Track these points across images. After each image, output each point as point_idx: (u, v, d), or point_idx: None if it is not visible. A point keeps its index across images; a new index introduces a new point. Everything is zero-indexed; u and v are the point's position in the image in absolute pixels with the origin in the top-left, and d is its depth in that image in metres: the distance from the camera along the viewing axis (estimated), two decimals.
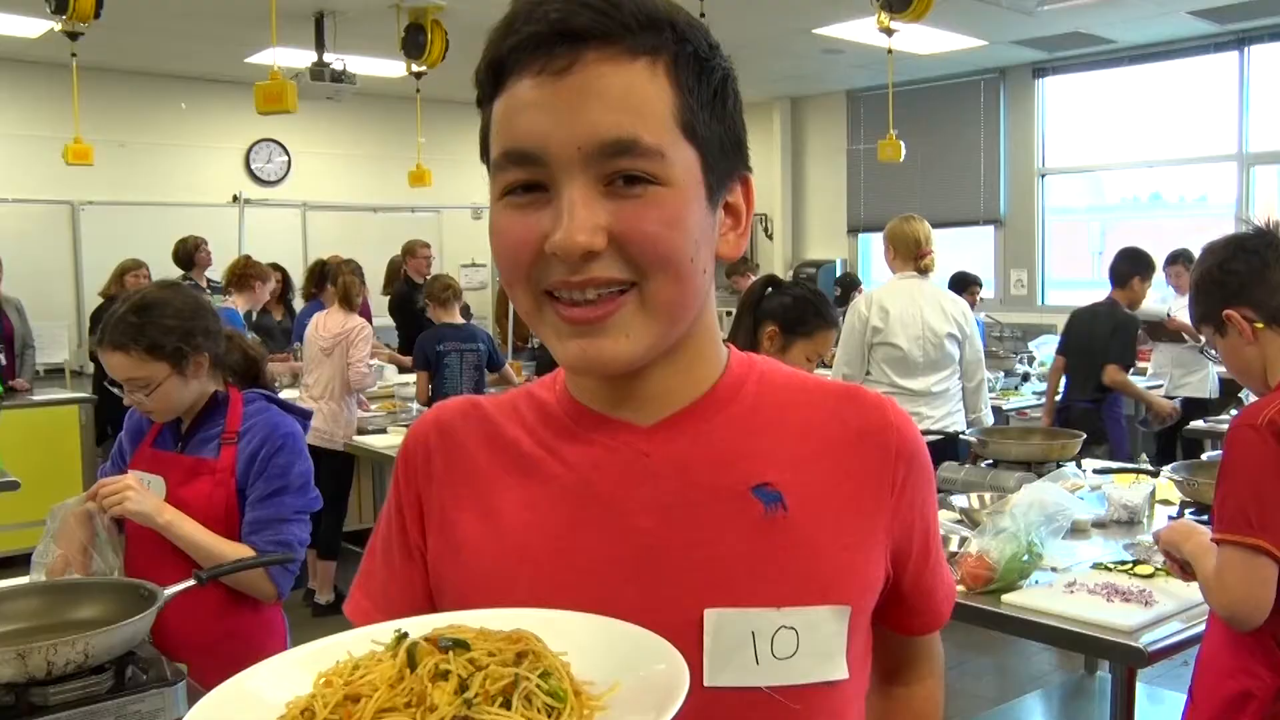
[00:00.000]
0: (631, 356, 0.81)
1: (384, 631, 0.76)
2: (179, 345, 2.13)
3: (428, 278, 6.48)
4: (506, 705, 0.69)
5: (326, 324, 5.32)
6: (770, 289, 2.80)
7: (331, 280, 5.73)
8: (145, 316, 2.11)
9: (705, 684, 0.82)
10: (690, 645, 0.81)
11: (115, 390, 2.23)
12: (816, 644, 0.84)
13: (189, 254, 6.87)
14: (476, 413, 0.94)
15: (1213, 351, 2.12)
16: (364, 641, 0.77)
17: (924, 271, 4.32)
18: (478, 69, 0.82)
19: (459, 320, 5.56)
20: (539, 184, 0.78)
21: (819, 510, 0.86)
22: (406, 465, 0.95)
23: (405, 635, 0.75)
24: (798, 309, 2.74)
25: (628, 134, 0.76)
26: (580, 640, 0.76)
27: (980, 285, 7.18)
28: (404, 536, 0.94)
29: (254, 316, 6.34)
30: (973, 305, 7.09)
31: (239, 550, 2.11)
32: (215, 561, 2.06)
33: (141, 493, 2.09)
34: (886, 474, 0.89)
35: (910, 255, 4.29)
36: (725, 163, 0.83)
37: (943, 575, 1.01)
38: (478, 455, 0.92)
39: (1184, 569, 1.98)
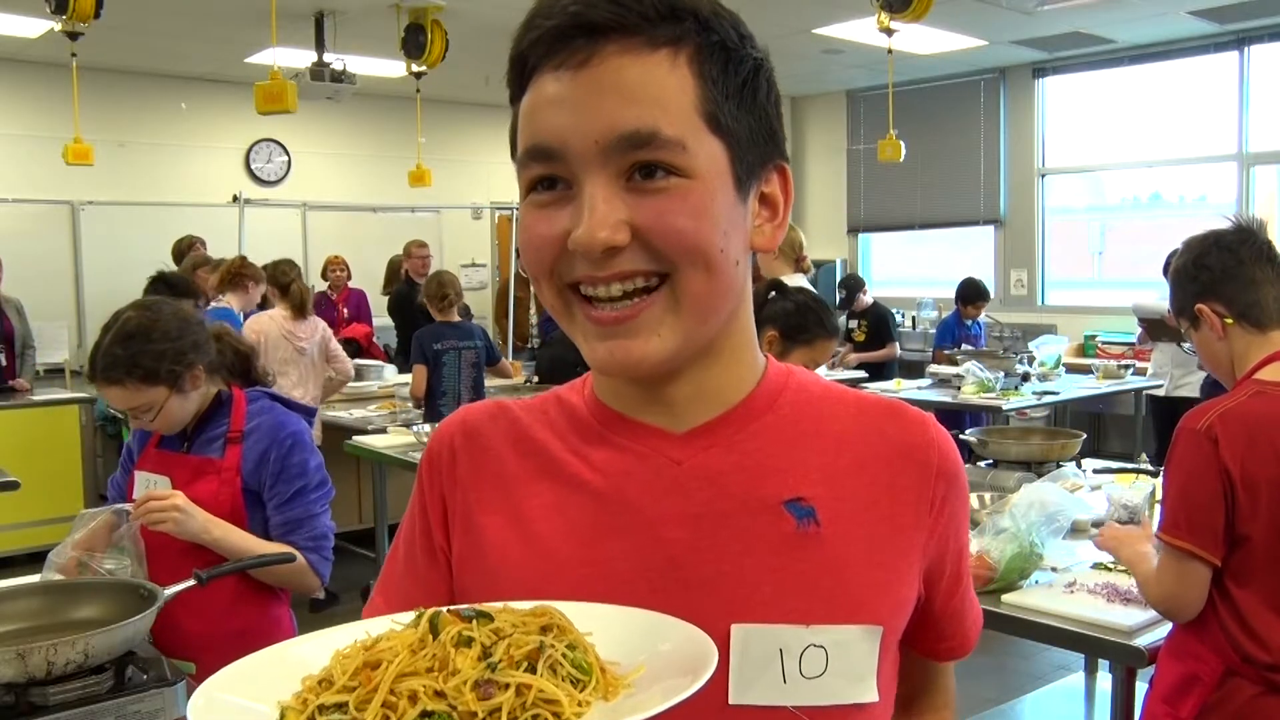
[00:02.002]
0: (662, 356, 0.79)
1: (405, 617, 0.75)
2: (172, 368, 2.12)
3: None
4: (531, 672, 0.68)
5: (299, 327, 5.45)
6: (774, 293, 2.80)
7: (273, 283, 5.75)
8: (132, 346, 2.10)
9: (730, 701, 0.80)
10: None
11: (118, 414, 2.23)
12: (847, 664, 0.82)
13: (183, 253, 6.87)
14: (505, 416, 0.93)
15: (1187, 345, 2.17)
16: (384, 624, 0.76)
17: (805, 273, 4.64)
18: (507, 67, 0.81)
19: (456, 318, 5.58)
20: (563, 179, 0.77)
21: (853, 527, 0.84)
22: (430, 467, 0.93)
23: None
24: (799, 316, 2.74)
25: (647, 126, 0.74)
26: (602, 627, 0.75)
27: (987, 300, 7.17)
28: (428, 539, 0.92)
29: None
30: (977, 317, 7.12)
31: (283, 552, 2.15)
32: (278, 582, 2.14)
33: (187, 513, 2.07)
34: (925, 492, 0.87)
35: (792, 258, 4.60)
36: (756, 153, 0.81)
37: (971, 599, 0.98)
38: (505, 458, 0.90)
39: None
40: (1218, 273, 2.02)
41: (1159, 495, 3.02)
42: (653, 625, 0.76)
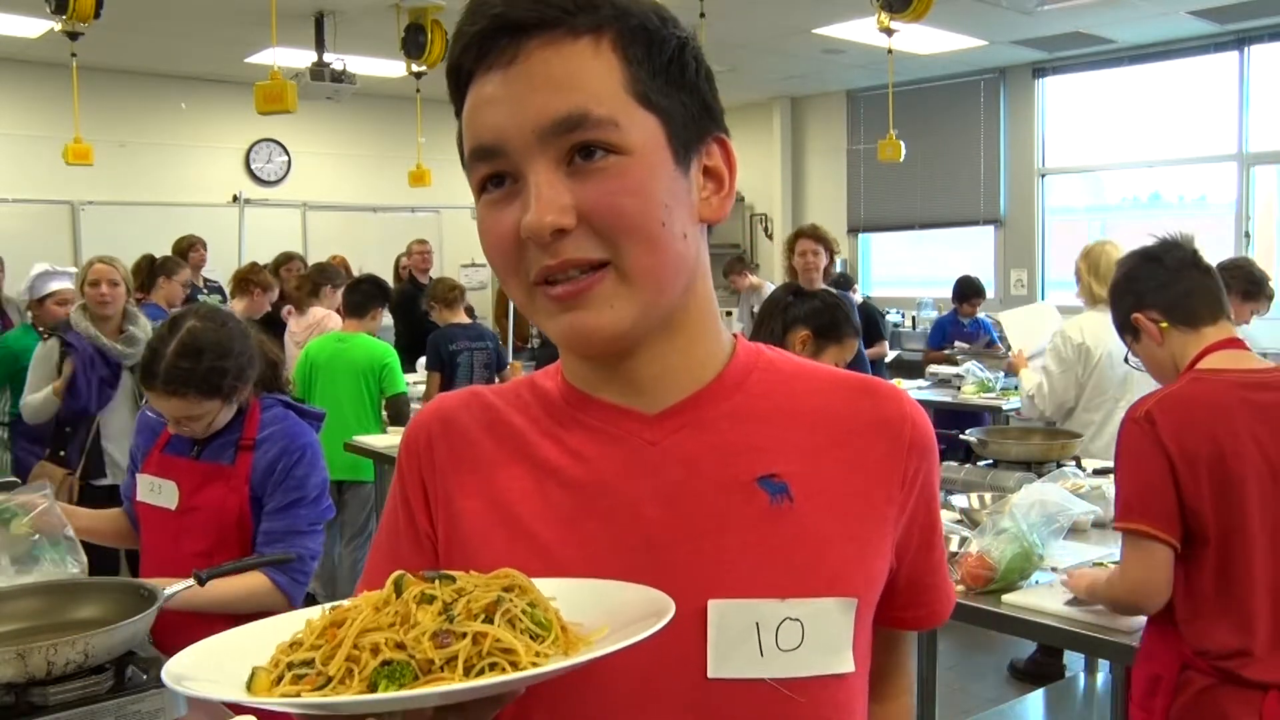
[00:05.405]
0: (618, 327, 0.81)
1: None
2: (234, 383, 2.14)
3: (432, 277, 6.51)
4: (489, 624, 0.70)
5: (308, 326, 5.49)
6: (793, 296, 2.84)
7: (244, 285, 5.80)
8: (199, 361, 2.09)
9: (709, 675, 0.82)
10: (694, 636, 0.81)
11: (151, 414, 2.22)
12: (822, 636, 0.83)
13: (182, 253, 6.86)
14: (478, 402, 0.94)
15: (1136, 360, 2.24)
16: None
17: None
18: (447, 83, 0.84)
19: (466, 320, 5.59)
20: (509, 175, 0.80)
21: (826, 501, 0.86)
22: (409, 455, 0.95)
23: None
24: (830, 314, 2.78)
25: (578, 108, 0.77)
26: (565, 595, 0.77)
27: (983, 297, 7.16)
28: (412, 527, 0.93)
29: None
30: (973, 315, 7.11)
31: (245, 582, 2.10)
32: (235, 607, 2.04)
33: None
34: (898, 467, 0.89)
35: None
36: (692, 128, 0.83)
37: (943, 573, 1.00)
38: (482, 444, 0.91)
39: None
40: (1147, 283, 2.12)
41: None
42: (612, 591, 0.78)
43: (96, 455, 4.06)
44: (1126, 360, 2.31)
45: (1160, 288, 2.10)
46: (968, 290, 7.03)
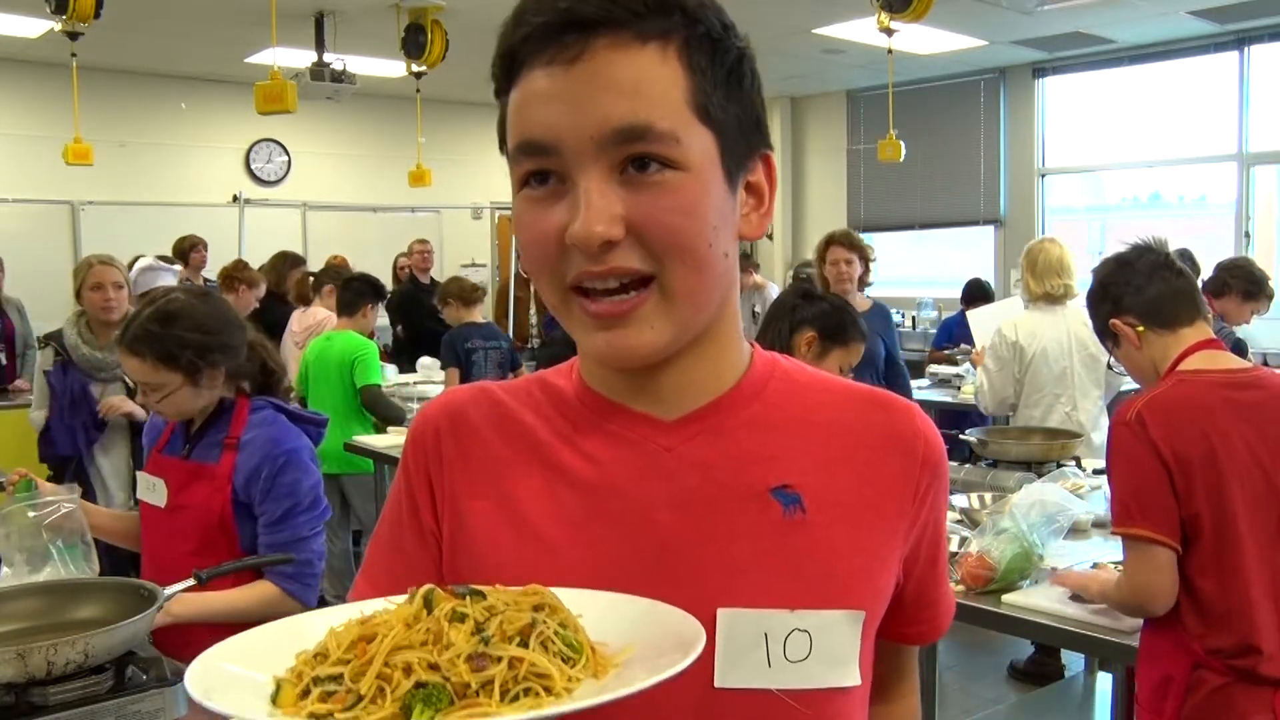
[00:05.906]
0: (656, 347, 0.80)
1: (401, 599, 0.76)
2: (194, 360, 2.11)
3: (433, 277, 6.51)
4: (523, 647, 0.70)
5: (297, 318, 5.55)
6: (801, 299, 2.86)
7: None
8: (166, 327, 2.10)
9: (715, 684, 0.81)
10: None
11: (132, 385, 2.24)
12: (830, 648, 0.83)
13: (184, 253, 6.86)
14: (488, 398, 0.93)
15: (1119, 366, 2.27)
16: (379, 605, 0.76)
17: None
18: (493, 61, 0.82)
19: (480, 319, 5.60)
20: (556, 174, 0.78)
21: (839, 514, 0.85)
22: (415, 448, 0.93)
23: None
24: (837, 318, 2.79)
25: (641, 120, 0.75)
26: (592, 611, 0.76)
27: (992, 300, 7.16)
28: (416, 522, 0.92)
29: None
30: None
31: (255, 592, 2.10)
32: (247, 617, 2.02)
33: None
34: (910, 481, 0.89)
35: None
36: (744, 143, 0.82)
37: (946, 586, 1.00)
38: (491, 442, 0.90)
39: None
40: (1122, 287, 2.14)
41: None
42: (641, 610, 0.77)
43: (84, 478, 3.87)
44: (1110, 366, 2.32)
45: (1135, 292, 2.12)
46: (977, 293, 7.03)
